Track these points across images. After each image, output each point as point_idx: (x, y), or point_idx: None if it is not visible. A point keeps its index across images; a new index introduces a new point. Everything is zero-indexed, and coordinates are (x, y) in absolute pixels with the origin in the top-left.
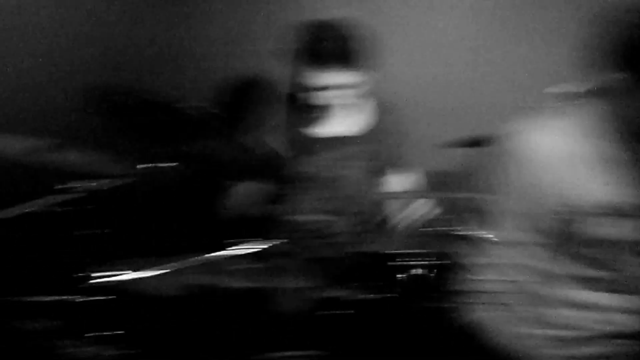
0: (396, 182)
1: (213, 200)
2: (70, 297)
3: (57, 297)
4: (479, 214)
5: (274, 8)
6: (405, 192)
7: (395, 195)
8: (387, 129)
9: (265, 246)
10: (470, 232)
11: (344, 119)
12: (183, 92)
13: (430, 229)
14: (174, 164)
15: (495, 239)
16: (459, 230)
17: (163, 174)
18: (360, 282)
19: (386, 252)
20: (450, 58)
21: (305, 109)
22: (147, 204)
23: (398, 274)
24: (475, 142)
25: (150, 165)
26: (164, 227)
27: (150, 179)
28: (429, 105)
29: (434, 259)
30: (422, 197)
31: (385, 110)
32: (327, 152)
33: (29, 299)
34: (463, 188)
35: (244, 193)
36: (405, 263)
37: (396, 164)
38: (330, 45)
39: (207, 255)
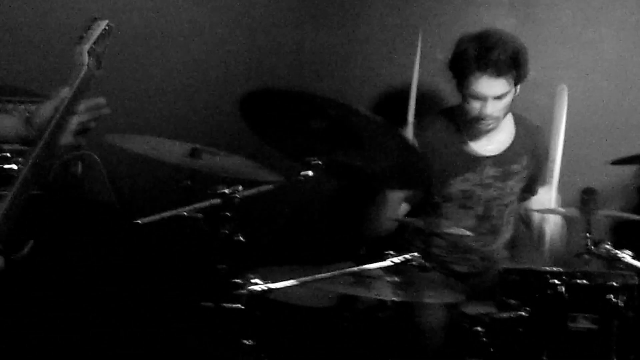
0: (548, 199)
1: (363, 209)
2: (223, 303)
3: (211, 304)
4: None
5: (436, 15)
6: (557, 210)
7: (546, 212)
8: (535, 147)
9: (410, 258)
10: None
11: (499, 133)
12: (344, 98)
13: (583, 248)
14: (328, 171)
15: None
16: (612, 252)
17: (316, 182)
18: (510, 299)
19: (536, 269)
20: (613, 74)
21: (466, 121)
22: (299, 212)
23: (545, 291)
24: None
25: (306, 172)
26: (312, 236)
27: (304, 186)
28: (586, 122)
29: (580, 277)
30: (573, 214)
31: (532, 128)
32: (483, 167)
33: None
34: (614, 206)
35: (394, 203)
36: (554, 281)
37: (547, 181)
38: (503, 54)
39: (352, 265)
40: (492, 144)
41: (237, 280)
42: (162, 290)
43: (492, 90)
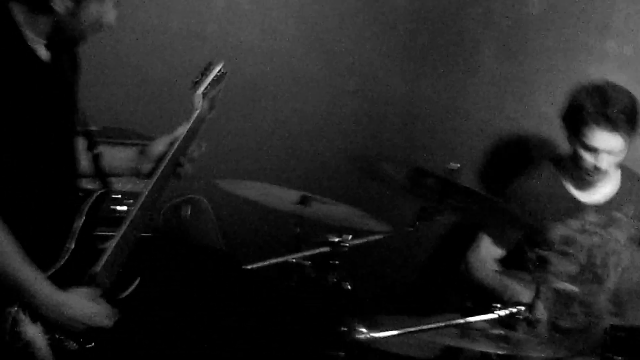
0: None
1: (462, 261)
2: (334, 352)
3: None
4: None
5: (546, 68)
6: None
7: None
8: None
9: (516, 311)
10: None
11: (605, 184)
12: (454, 148)
13: None
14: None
15: None
16: None
17: (420, 233)
18: (616, 356)
19: None
20: None
21: (576, 171)
22: (407, 261)
23: None
24: None
25: (414, 225)
26: (419, 286)
27: (409, 238)
28: None
29: None
30: None
31: (633, 174)
32: (585, 214)
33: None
34: None
35: (490, 255)
36: None
37: None
38: (620, 109)
39: (457, 317)
40: (596, 193)
41: (342, 328)
42: (267, 337)
43: (608, 145)
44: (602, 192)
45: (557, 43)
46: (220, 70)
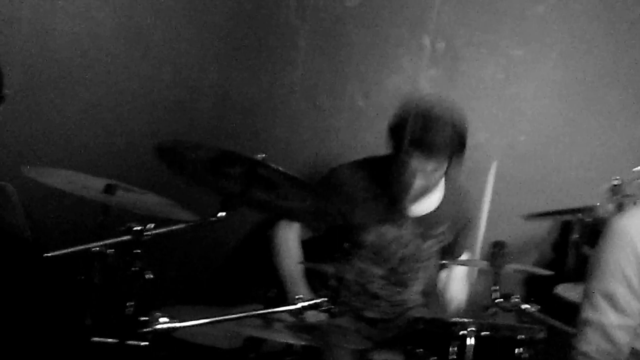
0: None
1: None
2: (128, 341)
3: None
4: None
5: (362, 61)
6: (467, 261)
7: (459, 264)
8: (460, 211)
9: (319, 302)
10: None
11: (428, 196)
12: (266, 139)
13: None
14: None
15: None
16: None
17: (229, 222)
18: (417, 348)
19: (444, 319)
20: (532, 130)
21: (396, 181)
22: (211, 251)
23: (454, 342)
24: (559, 214)
25: (218, 214)
26: (223, 276)
27: (218, 227)
28: (503, 176)
29: (488, 329)
30: (483, 267)
31: (461, 192)
32: (403, 223)
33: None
34: (528, 260)
35: (295, 233)
36: (461, 331)
37: (469, 248)
38: (440, 139)
39: (261, 308)
40: (419, 205)
41: (143, 318)
42: (66, 326)
43: (423, 168)
44: (423, 202)
45: (371, 37)
46: None
